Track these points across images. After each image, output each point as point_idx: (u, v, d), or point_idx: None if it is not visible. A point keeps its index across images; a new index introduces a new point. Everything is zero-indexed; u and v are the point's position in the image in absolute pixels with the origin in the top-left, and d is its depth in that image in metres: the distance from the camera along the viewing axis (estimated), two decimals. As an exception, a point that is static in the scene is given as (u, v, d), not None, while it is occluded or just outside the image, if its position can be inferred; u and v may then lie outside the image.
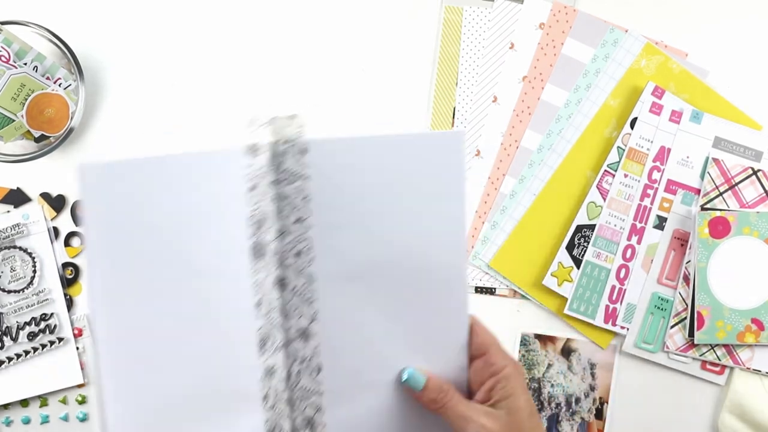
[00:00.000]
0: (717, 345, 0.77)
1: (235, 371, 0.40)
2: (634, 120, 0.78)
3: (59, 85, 0.75)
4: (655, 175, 0.78)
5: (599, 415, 0.79)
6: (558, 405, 0.79)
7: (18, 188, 0.78)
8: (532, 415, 0.49)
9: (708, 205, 0.77)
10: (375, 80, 0.80)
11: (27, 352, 0.76)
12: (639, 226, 0.78)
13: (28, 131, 0.75)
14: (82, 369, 0.76)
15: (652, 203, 0.78)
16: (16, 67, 0.73)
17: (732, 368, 0.78)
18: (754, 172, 0.77)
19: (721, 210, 0.77)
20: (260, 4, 0.80)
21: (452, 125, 0.80)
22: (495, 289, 0.80)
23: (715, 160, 0.78)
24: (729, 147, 0.78)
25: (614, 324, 0.78)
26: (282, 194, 0.39)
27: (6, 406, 0.77)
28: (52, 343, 0.76)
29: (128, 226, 0.40)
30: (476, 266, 0.79)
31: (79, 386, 0.77)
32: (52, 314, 0.76)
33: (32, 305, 0.76)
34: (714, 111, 0.79)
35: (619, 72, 0.80)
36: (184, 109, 0.80)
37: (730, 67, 0.81)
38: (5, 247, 0.76)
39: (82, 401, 0.77)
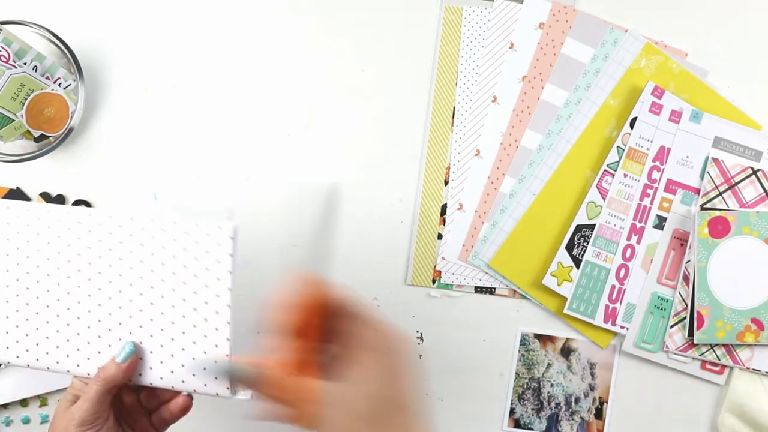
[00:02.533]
0: (717, 345, 0.77)
1: None
2: (634, 120, 0.78)
3: (59, 85, 0.75)
4: (655, 175, 0.78)
5: (599, 414, 0.79)
6: (558, 405, 0.79)
7: (18, 188, 0.78)
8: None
9: (708, 205, 0.77)
10: (375, 80, 0.80)
11: (27, 352, 0.76)
12: (639, 225, 0.78)
13: (28, 131, 0.75)
14: (81, 369, 0.76)
15: (651, 203, 0.78)
16: (16, 67, 0.73)
17: (732, 368, 0.78)
18: (754, 172, 0.77)
19: (720, 210, 0.77)
20: (260, 4, 0.81)
21: (452, 125, 0.80)
22: (495, 288, 0.80)
23: (714, 159, 0.78)
24: (729, 147, 0.78)
25: (614, 324, 0.78)
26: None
27: (6, 406, 0.77)
28: (51, 342, 0.76)
29: None
30: (476, 266, 0.79)
31: (79, 386, 0.77)
32: (51, 314, 0.76)
33: (32, 305, 0.76)
34: (714, 111, 0.79)
35: (619, 72, 0.80)
36: (184, 109, 0.80)
37: (730, 67, 0.80)
38: (5, 247, 0.76)
39: (82, 401, 0.77)
